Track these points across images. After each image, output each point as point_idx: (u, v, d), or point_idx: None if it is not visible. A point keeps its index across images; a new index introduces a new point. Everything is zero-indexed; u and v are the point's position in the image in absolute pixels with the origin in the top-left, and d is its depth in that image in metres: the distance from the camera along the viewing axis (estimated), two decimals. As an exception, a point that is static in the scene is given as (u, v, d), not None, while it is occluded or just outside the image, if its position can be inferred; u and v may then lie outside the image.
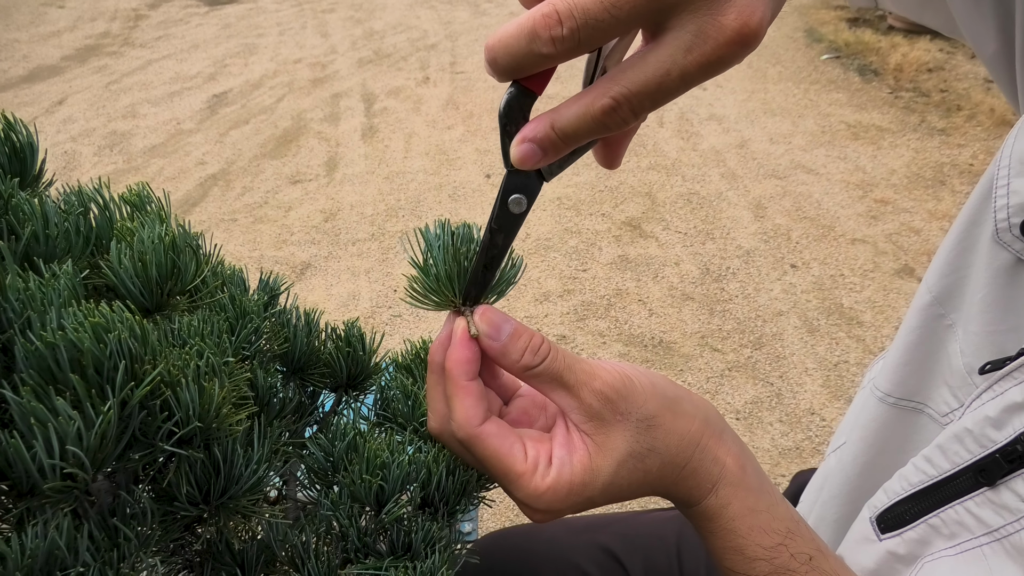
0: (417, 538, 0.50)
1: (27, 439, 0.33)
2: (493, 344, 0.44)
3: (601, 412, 0.44)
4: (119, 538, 0.38)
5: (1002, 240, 0.52)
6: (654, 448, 0.45)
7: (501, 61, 0.36)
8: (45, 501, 0.34)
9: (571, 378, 0.44)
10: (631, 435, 0.45)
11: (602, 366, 0.45)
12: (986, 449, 0.50)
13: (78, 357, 0.35)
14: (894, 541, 0.57)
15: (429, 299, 0.46)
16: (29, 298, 0.37)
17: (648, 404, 0.45)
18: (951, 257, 0.58)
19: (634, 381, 0.45)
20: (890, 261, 2.84)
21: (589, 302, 2.68)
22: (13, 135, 0.46)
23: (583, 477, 0.44)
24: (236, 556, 0.49)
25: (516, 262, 0.47)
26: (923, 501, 0.55)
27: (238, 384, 0.46)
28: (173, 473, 0.41)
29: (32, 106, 4.37)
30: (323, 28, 5.48)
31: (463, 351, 0.44)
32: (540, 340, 0.44)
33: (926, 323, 0.59)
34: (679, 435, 0.46)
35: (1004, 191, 0.52)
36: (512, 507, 1.95)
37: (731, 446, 0.47)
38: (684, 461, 0.46)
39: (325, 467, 0.56)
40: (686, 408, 0.47)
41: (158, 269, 0.44)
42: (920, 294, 0.60)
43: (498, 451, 0.44)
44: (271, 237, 3.12)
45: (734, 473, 0.47)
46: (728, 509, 0.47)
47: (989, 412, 0.50)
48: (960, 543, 0.52)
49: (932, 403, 0.57)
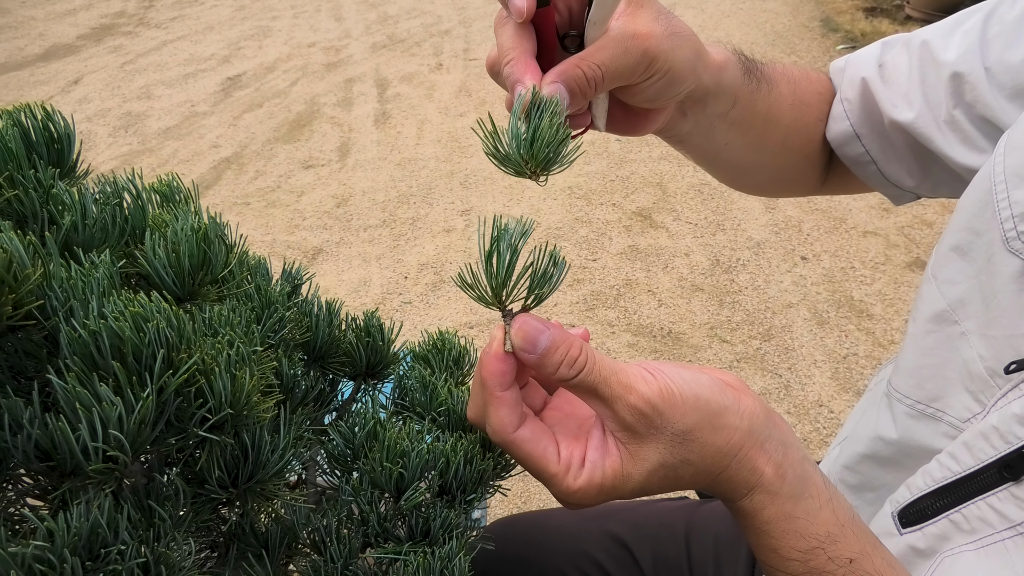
0: (435, 524, 0.52)
1: (72, 422, 0.35)
2: (528, 357, 0.45)
3: (635, 425, 0.44)
4: (154, 518, 0.40)
5: (1012, 248, 0.54)
6: (688, 460, 0.46)
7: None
8: (88, 482, 0.36)
9: (607, 391, 0.44)
10: (664, 448, 0.45)
11: (643, 378, 0.45)
12: (1012, 446, 0.51)
13: (119, 345, 0.37)
14: (915, 535, 0.58)
15: (479, 291, 0.45)
16: (72, 287, 0.38)
17: (687, 418, 0.44)
18: (960, 266, 0.59)
19: (675, 395, 0.44)
20: (902, 254, 2.83)
21: (599, 292, 2.69)
22: (51, 125, 0.47)
23: (613, 481, 0.46)
24: (260, 538, 0.51)
25: (558, 262, 0.45)
26: (946, 497, 0.55)
27: (265, 372, 0.47)
28: (205, 457, 0.42)
29: (48, 85, 4.40)
30: (337, 12, 5.48)
31: (497, 364, 0.45)
32: (578, 352, 0.44)
33: (940, 329, 0.60)
34: (716, 447, 0.46)
35: (1006, 203, 0.54)
36: (520, 494, 1.98)
37: (773, 455, 0.47)
38: (719, 470, 0.46)
39: (345, 454, 0.57)
40: (729, 421, 0.46)
41: (190, 259, 0.46)
42: (932, 300, 0.61)
43: (532, 454, 0.46)
44: (283, 222, 3.13)
45: (772, 482, 0.46)
46: (763, 513, 0.47)
47: (1016, 410, 0.51)
48: (981, 538, 0.53)
49: (951, 410, 0.58)
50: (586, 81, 0.49)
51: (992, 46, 0.65)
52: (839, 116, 0.78)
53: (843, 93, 0.77)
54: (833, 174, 0.84)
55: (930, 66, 0.69)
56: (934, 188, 0.75)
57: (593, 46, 0.50)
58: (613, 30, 0.49)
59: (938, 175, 0.73)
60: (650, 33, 0.50)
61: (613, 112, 0.58)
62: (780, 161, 0.79)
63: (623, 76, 0.51)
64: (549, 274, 0.45)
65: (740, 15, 5.08)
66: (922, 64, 0.70)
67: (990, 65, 0.64)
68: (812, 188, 0.85)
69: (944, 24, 0.71)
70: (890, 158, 0.76)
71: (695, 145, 0.70)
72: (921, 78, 0.70)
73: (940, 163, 0.71)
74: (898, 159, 0.76)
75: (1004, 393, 0.54)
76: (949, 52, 0.68)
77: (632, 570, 0.85)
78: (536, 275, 0.44)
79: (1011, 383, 0.53)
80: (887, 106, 0.72)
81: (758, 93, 0.69)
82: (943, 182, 0.63)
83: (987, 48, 0.65)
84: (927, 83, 0.69)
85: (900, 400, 0.63)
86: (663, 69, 0.52)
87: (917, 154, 0.73)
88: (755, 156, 0.76)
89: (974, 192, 0.59)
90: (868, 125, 0.76)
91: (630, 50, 0.50)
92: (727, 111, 0.66)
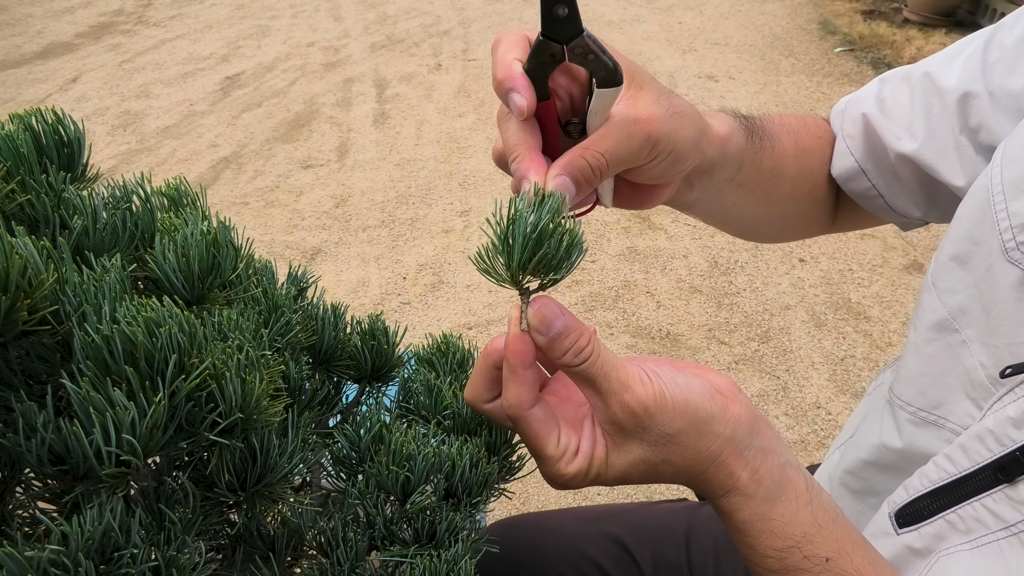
0: (441, 527, 0.52)
1: (85, 427, 0.35)
2: (540, 339, 0.47)
3: (623, 423, 0.47)
4: (165, 521, 0.40)
5: (1011, 258, 0.54)
6: (668, 460, 0.48)
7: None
8: (101, 486, 0.36)
9: (604, 386, 0.47)
10: (648, 447, 0.48)
11: (640, 379, 0.47)
12: (1006, 448, 0.52)
13: (131, 350, 0.37)
14: (911, 535, 0.59)
15: (496, 273, 0.46)
16: (84, 291, 0.39)
17: (674, 422, 0.47)
18: (960, 275, 0.60)
19: (667, 399, 0.47)
20: (899, 256, 2.85)
21: (597, 293, 2.69)
22: (62, 129, 0.48)
23: (598, 469, 0.49)
24: (267, 540, 0.52)
25: (578, 242, 0.45)
26: (942, 497, 0.57)
27: (273, 376, 0.48)
28: (215, 461, 0.43)
29: (46, 83, 4.39)
30: (336, 11, 5.48)
31: (520, 344, 0.47)
32: (586, 342, 0.46)
33: (941, 337, 0.61)
34: (697, 451, 0.48)
35: (1004, 214, 0.55)
36: (519, 495, 1.98)
37: (751, 461, 0.49)
38: (698, 472, 0.49)
39: (351, 457, 0.58)
40: (714, 428, 0.48)
41: (200, 264, 0.46)
42: (933, 309, 0.62)
43: (538, 433, 0.49)
44: (282, 222, 3.13)
45: (747, 485, 0.49)
46: (738, 514, 0.50)
47: (1011, 413, 0.53)
48: (976, 538, 0.54)
49: (954, 417, 0.59)
50: (591, 171, 0.50)
51: (994, 71, 0.65)
52: (843, 153, 0.78)
53: (845, 131, 0.78)
54: (842, 212, 0.85)
55: (934, 96, 0.70)
56: (942, 215, 0.76)
57: (596, 134, 0.50)
58: (615, 116, 0.49)
59: (945, 203, 0.74)
60: (652, 117, 0.50)
61: (620, 188, 0.58)
62: (790, 210, 0.80)
63: (627, 161, 0.51)
64: (565, 256, 0.45)
65: (739, 17, 5.10)
66: (925, 95, 0.71)
67: (993, 90, 0.65)
68: (824, 228, 0.87)
69: (944, 54, 0.72)
70: (896, 191, 0.77)
71: (703, 209, 0.71)
72: (925, 109, 0.71)
73: (946, 191, 0.72)
74: (904, 191, 0.77)
75: (1000, 396, 0.55)
76: (951, 79, 0.68)
77: (632, 572, 0.86)
78: (550, 257, 0.44)
79: (1006, 387, 0.54)
80: (890, 139, 0.73)
81: (762, 153, 0.69)
82: (950, 210, 0.63)
83: (989, 73, 0.66)
84: (931, 113, 0.70)
85: (902, 407, 0.64)
86: (666, 151, 0.52)
87: (923, 184, 0.74)
88: (764, 210, 0.77)
89: (972, 202, 0.60)
90: (872, 160, 0.77)
91: (633, 135, 0.50)
92: (733, 175, 0.66)
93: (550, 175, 0.49)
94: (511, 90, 0.47)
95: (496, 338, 0.50)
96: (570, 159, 0.49)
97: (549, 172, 0.49)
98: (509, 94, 0.47)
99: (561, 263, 0.45)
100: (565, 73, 0.51)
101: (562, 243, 0.44)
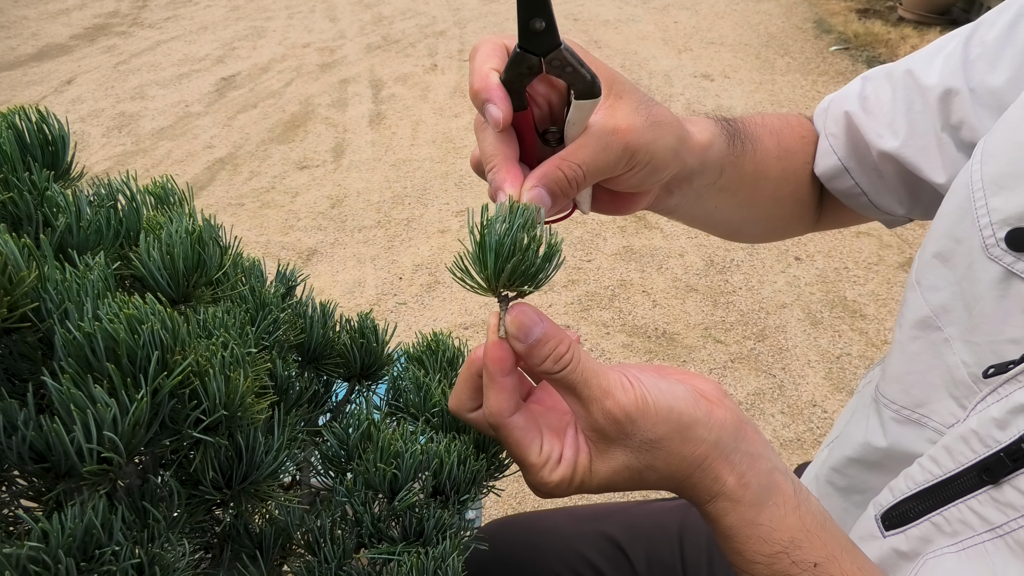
0: (429, 525, 0.52)
1: (66, 424, 0.35)
2: (519, 346, 0.46)
3: (605, 429, 0.47)
4: (149, 519, 0.40)
5: (992, 255, 0.54)
6: (652, 466, 0.48)
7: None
8: (82, 483, 0.36)
9: (585, 392, 0.46)
10: (631, 453, 0.47)
11: (622, 384, 0.46)
12: (991, 449, 0.52)
13: (113, 347, 0.37)
14: (898, 538, 0.58)
15: (472, 282, 0.46)
16: (66, 289, 0.38)
17: (657, 428, 0.46)
18: (943, 273, 0.60)
19: (649, 405, 0.46)
20: (894, 254, 2.85)
21: (593, 292, 2.70)
22: (46, 127, 0.47)
23: (582, 477, 0.49)
24: (254, 539, 0.51)
25: (556, 251, 0.45)
26: (927, 500, 0.56)
27: (259, 374, 0.48)
28: (199, 459, 0.43)
29: (41, 85, 4.38)
30: (332, 12, 5.47)
31: (498, 351, 0.47)
32: (565, 349, 0.46)
33: (925, 335, 0.60)
34: (681, 457, 0.48)
35: (984, 210, 0.55)
36: (515, 495, 1.98)
37: (737, 466, 0.49)
38: (683, 477, 0.49)
39: (339, 455, 0.57)
40: (698, 433, 0.48)
41: (185, 262, 0.46)
42: (916, 306, 0.61)
43: (520, 441, 0.48)
44: (278, 222, 3.13)
45: (734, 491, 0.49)
46: (725, 519, 0.49)
47: (994, 414, 0.52)
48: (962, 540, 0.53)
49: (936, 415, 0.59)
50: (567, 182, 0.49)
51: (975, 68, 0.65)
52: (826, 151, 0.78)
53: (828, 129, 0.78)
54: (827, 210, 0.85)
55: (915, 93, 0.70)
56: (926, 213, 0.75)
57: (573, 144, 0.49)
58: (593, 125, 0.49)
59: (928, 201, 0.74)
60: (630, 127, 0.50)
61: (598, 195, 0.58)
62: (773, 211, 0.80)
63: (604, 172, 0.51)
64: (542, 265, 0.44)
65: (734, 16, 5.10)
66: (907, 92, 0.71)
67: (974, 87, 0.65)
68: (808, 227, 0.87)
69: (926, 51, 0.72)
70: (879, 189, 0.77)
71: (684, 213, 0.70)
72: (907, 106, 0.71)
73: (929, 189, 0.72)
74: (888, 189, 0.77)
75: (983, 397, 0.55)
76: (932, 77, 0.68)
77: (626, 571, 0.86)
78: (525, 268, 0.44)
79: (990, 387, 0.54)
80: (872, 136, 0.73)
81: (744, 156, 0.69)
82: (934, 207, 0.63)
83: (970, 70, 0.66)
84: (913, 110, 0.70)
85: (887, 405, 0.64)
86: (644, 160, 0.52)
87: (906, 182, 0.74)
88: (747, 212, 0.77)
89: (953, 199, 0.60)
90: (855, 158, 0.77)
91: (611, 146, 0.49)
92: (715, 181, 0.66)
93: (525, 187, 0.49)
94: (487, 101, 0.47)
95: (479, 347, 0.49)
96: (546, 170, 0.49)
97: (525, 184, 0.49)
98: (485, 105, 0.47)
99: (537, 273, 0.44)
100: (544, 81, 0.51)
101: (537, 254, 0.44)
